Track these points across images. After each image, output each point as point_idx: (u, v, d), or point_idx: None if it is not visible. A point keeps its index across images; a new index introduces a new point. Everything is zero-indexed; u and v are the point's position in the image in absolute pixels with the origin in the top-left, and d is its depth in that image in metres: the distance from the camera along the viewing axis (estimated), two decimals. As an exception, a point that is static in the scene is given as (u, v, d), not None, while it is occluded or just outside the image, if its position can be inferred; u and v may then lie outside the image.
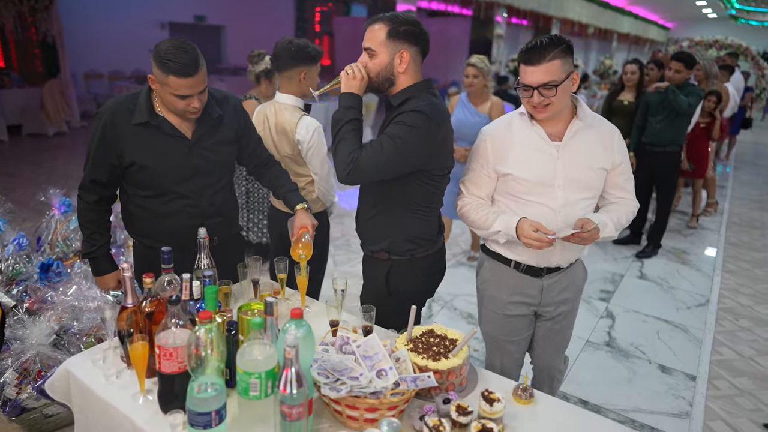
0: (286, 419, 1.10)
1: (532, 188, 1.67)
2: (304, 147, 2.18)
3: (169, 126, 1.74)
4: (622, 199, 1.75)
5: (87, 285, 2.52)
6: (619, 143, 1.71)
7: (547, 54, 1.51)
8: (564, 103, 1.60)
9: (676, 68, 3.92)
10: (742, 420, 2.48)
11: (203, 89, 1.67)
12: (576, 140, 1.65)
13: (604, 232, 1.65)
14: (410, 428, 1.25)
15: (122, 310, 1.39)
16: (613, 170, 1.71)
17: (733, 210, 6.18)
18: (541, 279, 1.77)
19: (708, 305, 3.68)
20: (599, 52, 19.65)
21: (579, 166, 1.65)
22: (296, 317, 1.17)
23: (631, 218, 1.77)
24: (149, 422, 1.25)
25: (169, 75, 1.58)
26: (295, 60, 2.15)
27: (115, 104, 1.73)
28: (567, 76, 1.55)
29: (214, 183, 1.86)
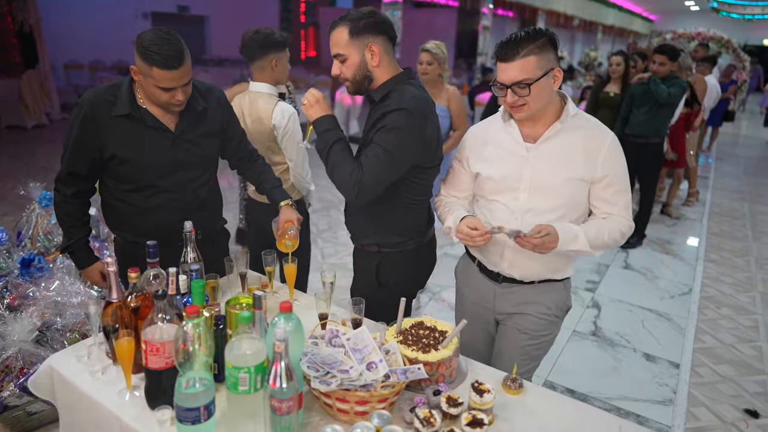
0: (276, 413, 1.09)
1: (496, 187, 1.59)
2: (280, 133, 2.19)
3: (151, 118, 1.70)
4: (609, 215, 1.55)
5: (70, 280, 2.47)
6: (610, 153, 1.50)
7: (520, 49, 1.39)
8: (542, 103, 1.47)
9: (659, 61, 3.95)
10: (724, 406, 2.53)
11: (188, 81, 1.63)
12: (551, 144, 1.51)
13: (570, 244, 1.48)
14: (401, 420, 1.25)
15: (107, 306, 1.37)
16: (598, 183, 1.52)
17: (715, 201, 6.28)
18: (496, 284, 1.67)
19: (691, 294, 3.74)
20: (584, 43, 19.79)
21: (547, 172, 1.51)
22: (285, 311, 1.16)
23: (619, 238, 1.54)
24: (136, 418, 1.23)
25: (152, 67, 1.54)
26: (264, 48, 2.17)
27: (94, 95, 1.68)
28: (545, 73, 1.42)
29: (198, 177, 1.83)
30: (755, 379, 2.76)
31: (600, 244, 1.53)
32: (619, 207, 1.54)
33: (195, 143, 1.79)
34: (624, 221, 1.55)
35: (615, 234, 1.53)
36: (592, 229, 1.51)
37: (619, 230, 1.54)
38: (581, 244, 1.49)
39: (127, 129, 1.68)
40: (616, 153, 1.52)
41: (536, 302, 1.64)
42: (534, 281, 1.63)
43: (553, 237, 1.43)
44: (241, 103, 2.26)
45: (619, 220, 1.54)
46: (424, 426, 1.14)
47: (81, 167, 1.72)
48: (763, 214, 5.84)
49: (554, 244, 1.45)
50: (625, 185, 1.55)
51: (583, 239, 1.49)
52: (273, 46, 2.19)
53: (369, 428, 1.08)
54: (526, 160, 1.53)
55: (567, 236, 1.47)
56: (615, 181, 1.52)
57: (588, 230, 1.51)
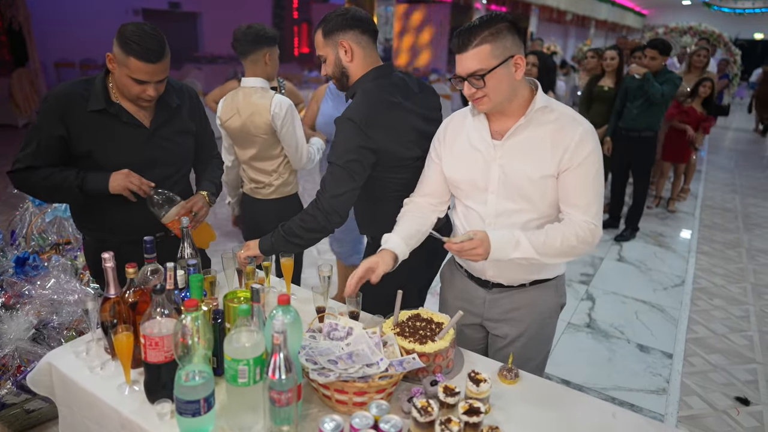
0: (276, 405, 1.10)
1: (465, 190, 1.50)
2: (279, 123, 2.21)
3: (126, 114, 1.68)
4: (568, 215, 1.39)
5: (66, 278, 2.47)
6: (579, 147, 1.34)
7: (473, 38, 1.29)
8: (504, 94, 1.34)
9: (651, 55, 3.98)
10: (716, 394, 2.57)
11: (162, 79, 1.62)
12: (518, 140, 1.39)
13: (511, 251, 1.35)
14: (399, 410, 1.27)
15: (105, 302, 1.37)
16: (560, 176, 1.37)
17: (707, 193, 6.33)
18: (486, 290, 1.59)
19: (684, 286, 3.78)
20: (577, 38, 19.83)
21: (516, 171, 1.39)
22: (283, 303, 1.17)
23: (577, 244, 1.36)
24: (136, 412, 1.24)
25: (129, 56, 1.53)
26: (256, 43, 2.19)
27: (66, 90, 1.65)
28: (502, 61, 1.30)
29: (172, 174, 1.82)
30: (746, 367, 2.80)
31: (552, 252, 1.36)
32: (579, 208, 1.37)
33: (170, 140, 1.78)
34: (584, 224, 1.36)
35: (570, 239, 1.35)
36: (540, 236, 1.36)
37: (576, 235, 1.36)
38: (524, 252, 1.35)
39: (101, 125, 1.66)
40: (587, 147, 1.35)
41: (527, 308, 1.56)
42: (524, 284, 1.54)
43: (475, 243, 1.31)
44: (234, 100, 2.26)
45: (579, 224, 1.37)
46: (421, 415, 1.15)
47: (43, 161, 1.66)
48: (754, 206, 5.90)
49: (480, 251, 1.32)
50: (593, 185, 1.37)
51: (525, 247, 1.35)
52: (265, 40, 2.21)
53: (368, 418, 1.09)
54: (493, 159, 1.42)
55: (504, 243, 1.34)
56: (581, 176, 1.36)
57: (534, 237, 1.36)
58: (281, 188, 2.38)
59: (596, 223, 1.38)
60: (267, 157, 2.31)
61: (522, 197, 1.42)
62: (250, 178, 2.39)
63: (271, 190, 2.37)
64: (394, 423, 1.08)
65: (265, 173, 2.35)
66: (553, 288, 1.58)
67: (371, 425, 1.08)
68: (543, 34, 15.79)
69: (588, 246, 1.39)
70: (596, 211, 1.39)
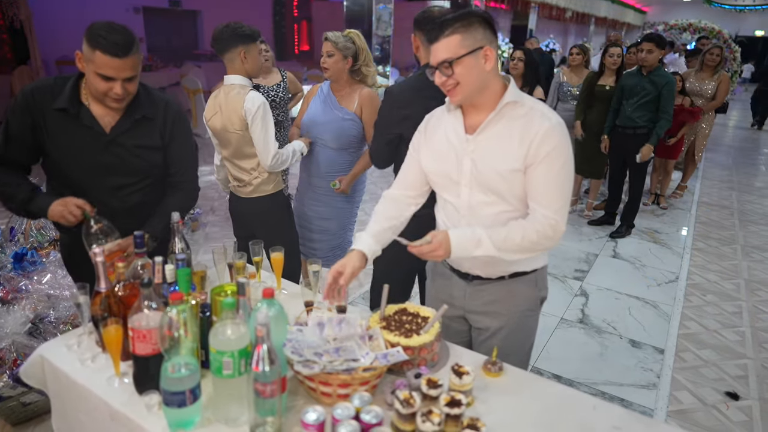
0: (260, 396, 1.13)
1: (441, 183, 1.54)
2: (250, 119, 2.22)
3: (88, 117, 1.66)
4: (533, 210, 1.42)
5: (62, 273, 2.50)
6: (543, 141, 1.36)
7: (445, 29, 1.34)
8: (474, 84, 1.38)
9: (647, 48, 3.99)
10: (706, 389, 2.59)
11: (130, 77, 1.60)
12: (488, 134, 1.43)
13: (473, 249, 1.39)
14: (383, 402, 1.29)
15: (96, 295, 1.40)
16: (526, 170, 1.40)
17: (704, 190, 6.34)
18: (467, 282, 1.62)
19: (677, 282, 3.80)
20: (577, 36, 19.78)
21: (486, 165, 1.42)
22: (267, 296, 1.19)
23: (537, 239, 1.39)
24: (125, 404, 1.26)
25: (96, 50, 1.52)
26: (232, 41, 2.20)
27: (38, 85, 1.66)
28: (470, 51, 1.33)
29: (131, 183, 1.78)
30: (737, 363, 2.82)
31: (513, 248, 1.40)
32: (542, 203, 1.40)
33: (129, 151, 1.73)
34: (544, 220, 1.39)
35: (531, 235, 1.38)
36: (501, 233, 1.39)
37: (536, 231, 1.38)
38: (486, 249, 1.39)
39: (62, 125, 1.65)
40: (551, 142, 1.36)
41: (506, 300, 1.59)
42: (503, 276, 1.57)
43: (434, 246, 1.38)
44: (217, 99, 2.30)
45: (540, 219, 1.39)
46: (403, 407, 1.18)
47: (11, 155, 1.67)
48: (750, 203, 5.91)
49: (440, 252, 1.38)
50: (556, 179, 1.39)
51: (487, 245, 1.38)
52: (240, 38, 2.20)
53: (349, 409, 1.12)
54: (465, 153, 1.46)
55: (465, 242, 1.39)
56: (547, 171, 1.38)
57: (495, 234, 1.39)
58: (261, 187, 2.38)
59: (558, 218, 1.40)
60: (245, 155, 2.32)
61: (492, 190, 1.45)
62: (233, 176, 2.41)
63: (251, 189, 2.38)
64: (375, 414, 1.11)
65: (245, 171, 2.36)
66: (532, 281, 1.60)
67: (352, 416, 1.10)
68: (542, 31, 15.78)
69: (550, 241, 1.42)
70: (559, 207, 1.40)
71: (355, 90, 2.56)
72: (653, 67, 4.04)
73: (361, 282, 3.59)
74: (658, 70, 4.05)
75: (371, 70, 2.60)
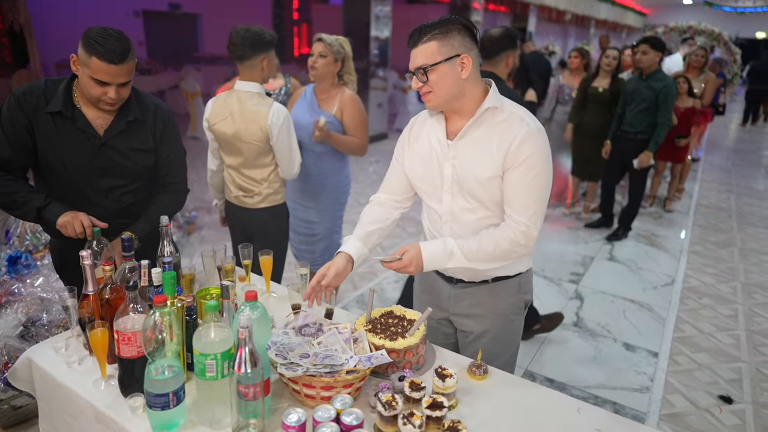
0: (244, 399, 1.13)
1: (424, 188, 1.55)
2: (275, 132, 2.20)
3: (82, 120, 1.69)
4: (507, 216, 1.43)
5: (55, 277, 2.51)
6: (521, 147, 1.36)
7: (423, 36, 1.35)
8: (449, 91, 1.38)
9: (642, 50, 4.00)
10: (699, 392, 2.59)
11: (124, 82, 1.63)
12: (468, 140, 1.43)
13: (445, 261, 1.43)
14: (367, 405, 1.29)
15: (83, 299, 1.40)
16: (504, 175, 1.40)
17: (702, 193, 6.34)
18: (451, 285, 1.63)
19: (673, 285, 3.80)
20: (577, 38, 19.80)
21: (467, 170, 1.43)
22: (250, 299, 1.20)
23: (509, 247, 1.41)
24: (110, 406, 1.27)
25: (92, 56, 1.55)
26: (254, 49, 2.17)
27: (31, 87, 1.68)
28: (446, 59, 1.34)
29: (124, 185, 1.81)
30: (731, 366, 2.82)
31: (486, 258, 1.43)
32: (516, 209, 1.40)
33: (122, 153, 1.76)
34: (516, 227, 1.40)
35: (503, 244, 1.41)
36: (473, 244, 1.42)
37: (509, 239, 1.40)
38: (458, 261, 1.43)
39: (57, 127, 1.68)
40: (529, 148, 1.36)
41: (490, 304, 1.60)
42: (486, 280, 1.58)
43: (404, 263, 1.42)
44: (227, 103, 2.23)
45: (512, 227, 1.41)
46: (386, 409, 1.18)
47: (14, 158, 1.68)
48: (749, 205, 5.91)
49: (411, 269, 1.43)
50: (531, 186, 1.39)
51: (458, 257, 1.43)
52: (263, 45, 2.18)
53: (330, 411, 1.12)
54: (446, 158, 1.47)
55: (437, 256, 1.43)
56: (522, 177, 1.38)
57: (467, 246, 1.43)
58: (271, 197, 2.35)
59: (530, 225, 1.40)
60: (257, 165, 2.28)
61: (473, 196, 1.45)
62: (238, 185, 2.35)
63: (259, 198, 2.34)
64: (356, 416, 1.11)
65: (255, 181, 2.32)
66: (515, 285, 1.60)
67: (333, 418, 1.11)
68: (542, 33, 15.80)
69: (523, 248, 1.43)
70: (533, 213, 1.41)
71: (338, 93, 2.57)
72: (650, 69, 4.04)
73: (356, 285, 3.60)
74: (657, 73, 4.05)
75: (352, 78, 2.63)
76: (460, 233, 1.51)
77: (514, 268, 1.57)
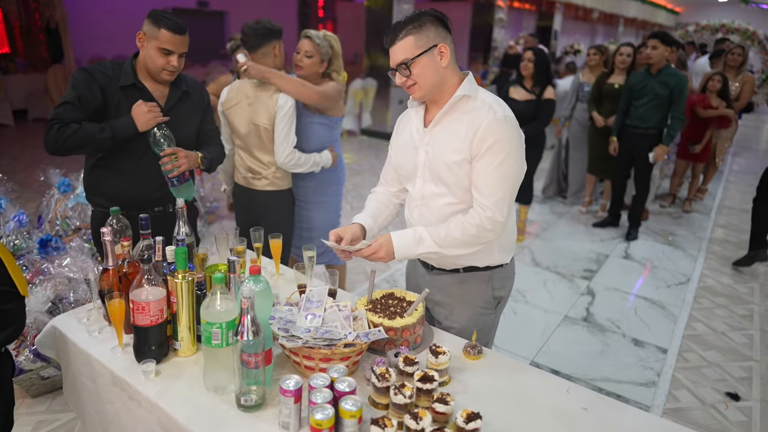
0: (247, 366, 1.22)
1: (403, 174, 1.64)
2: (279, 115, 2.31)
3: (148, 92, 1.94)
4: (475, 202, 1.48)
5: (83, 258, 2.65)
6: (486, 133, 1.40)
7: (399, 33, 1.42)
8: (432, 81, 1.44)
9: (652, 44, 3.96)
10: (706, 389, 2.58)
11: (183, 53, 1.91)
12: (441, 127, 1.50)
13: (416, 248, 1.49)
14: (363, 379, 1.37)
15: (103, 272, 1.51)
16: (471, 162, 1.45)
17: (727, 194, 6.22)
18: (428, 271, 1.70)
19: (688, 284, 3.76)
20: (605, 37, 19.47)
21: (437, 157, 1.50)
22: (254, 273, 1.28)
23: (476, 233, 1.45)
24: (125, 370, 1.37)
25: (161, 28, 1.81)
26: (266, 37, 2.33)
27: (101, 66, 1.92)
28: (425, 51, 1.40)
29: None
30: (742, 365, 2.80)
31: (453, 243, 1.48)
32: (482, 193, 1.44)
33: (179, 120, 2.01)
34: (482, 213, 1.45)
35: (469, 230, 1.46)
36: (442, 230, 1.48)
37: (475, 225, 1.45)
38: (428, 247, 1.49)
39: (129, 98, 1.91)
40: (492, 135, 1.40)
41: (460, 293, 1.65)
42: (458, 269, 1.63)
43: (373, 249, 1.49)
44: (241, 89, 2.38)
45: (479, 213, 1.45)
46: (379, 381, 1.25)
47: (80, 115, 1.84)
48: (774, 207, 5.76)
49: (381, 254, 1.49)
50: (496, 171, 1.42)
51: (428, 242, 1.49)
52: (273, 34, 2.35)
53: (325, 378, 1.19)
54: (421, 145, 1.54)
55: (407, 243, 1.50)
56: (488, 165, 1.42)
57: (436, 232, 1.49)
58: (277, 181, 2.46)
59: (496, 210, 1.44)
60: (267, 148, 2.40)
61: (442, 181, 1.52)
62: (248, 167, 2.47)
63: (266, 182, 2.45)
64: (349, 383, 1.18)
65: (263, 164, 2.44)
66: (486, 278, 1.63)
67: (327, 385, 1.18)
68: (568, 32, 15.59)
69: (490, 233, 1.47)
70: (498, 200, 1.44)
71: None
72: (660, 65, 4.00)
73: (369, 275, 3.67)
74: (668, 69, 4.01)
75: (341, 78, 2.56)
76: (428, 217, 1.57)
77: (485, 260, 1.60)
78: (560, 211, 5.28)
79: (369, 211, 1.70)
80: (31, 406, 2.26)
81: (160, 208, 2.05)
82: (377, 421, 1.10)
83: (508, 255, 1.65)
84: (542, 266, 3.91)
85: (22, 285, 1.34)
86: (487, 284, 1.65)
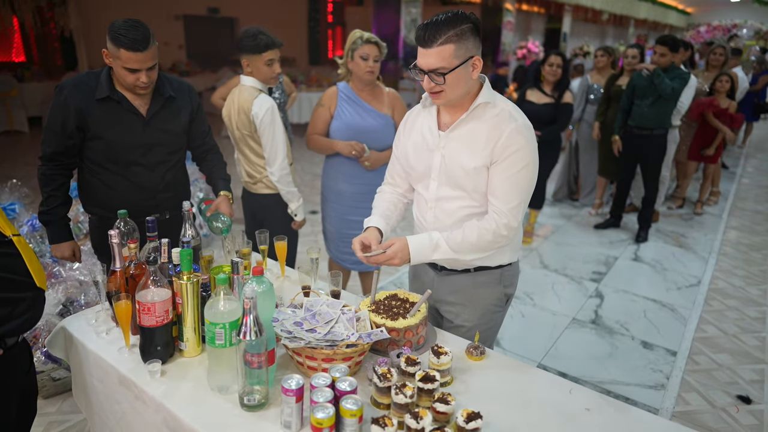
0: (250, 366, 1.23)
1: (414, 175, 1.62)
2: (257, 123, 2.30)
3: (126, 102, 1.92)
4: (490, 207, 1.49)
5: (93, 261, 2.70)
6: (508, 141, 1.42)
7: (439, 36, 1.35)
8: (460, 91, 1.43)
9: (660, 52, 3.93)
10: (717, 392, 2.55)
11: (152, 66, 1.83)
12: (460, 132, 1.49)
13: (431, 254, 1.49)
14: (365, 379, 1.37)
15: (111, 274, 1.54)
16: (490, 168, 1.47)
17: (740, 195, 6.14)
18: (436, 272, 1.69)
19: (699, 286, 3.72)
20: (615, 38, 19.34)
21: (454, 161, 1.50)
22: (257, 274, 1.30)
23: (492, 238, 1.47)
24: (132, 370, 1.39)
25: (120, 48, 1.76)
26: (238, 50, 2.32)
27: (76, 81, 1.90)
28: (462, 62, 1.38)
29: (167, 160, 2.04)
30: (753, 367, 2.76)
31: (470, 248, 1.49)
32: (500, 200, 1.47)
33: (164, 129, 2.00)
34: (497, 219, 1.47)
35: (486, 235, 1.47)
36: (458, 235, 1.49)
37: (491, 231, 1.47)
38: (444, 253, 1.49)
39: (107, 110, 1.89)
40: (515, 143, 1.42)
41: (471, 292, 1.65)
42: (469, 269, 1.63)
43: (389, 255, 1.47)
44: (232, 97, 2.40)
45: (495, 218, 1.47)
46: (380, 381, 1.26)
47: (61, 145, 1.91)
48: (789, 209, 5.69)
49: (396, 261, 1.48)
50: (515, 179, 1.45)
51: (444, 248, 1.48)
52: (240, 49, 2.31)
53: (326, 378, 1.21)
54: (437, 148, 1.53)
55: (423, 248, 1.49)
56: (507, 169, 1.44)
57: (452, 237, 1.49)
58: (271, 185, 2.44)
59: (511, 216, 1.47)
60: (258, 153, 2.40)
61: (458, 186, 1.52)
62: (246, 171, 2.50)
63: (262, 185, 2.46)
64: (350, 383, 1.19)
65: (257, 169, 2.44)
66: (497, 277, 1.64)
67: (328, 384, 1.19)
68: (578, 34, 15.52)
69: (504, 239, 1.51)
70: (514, 206, 1.47)
71: (380, 92, 2.56)
72: (667, 66, 3.99)
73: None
74: (673, 69, 3.99)
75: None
76: (443, 220, 1.57)
77: (497, 260, 1.62)
78: (570, 213, 5.26)
79: (380, 212, 1.67)
80: (43, 407, 2.30)
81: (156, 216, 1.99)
82: (378, 420, 1.11)
83: (516, 254, 1.68)
84: (551, 269, 3.90)
85: (41, 278, 1.35)
86: (498, 283, 1.66)
